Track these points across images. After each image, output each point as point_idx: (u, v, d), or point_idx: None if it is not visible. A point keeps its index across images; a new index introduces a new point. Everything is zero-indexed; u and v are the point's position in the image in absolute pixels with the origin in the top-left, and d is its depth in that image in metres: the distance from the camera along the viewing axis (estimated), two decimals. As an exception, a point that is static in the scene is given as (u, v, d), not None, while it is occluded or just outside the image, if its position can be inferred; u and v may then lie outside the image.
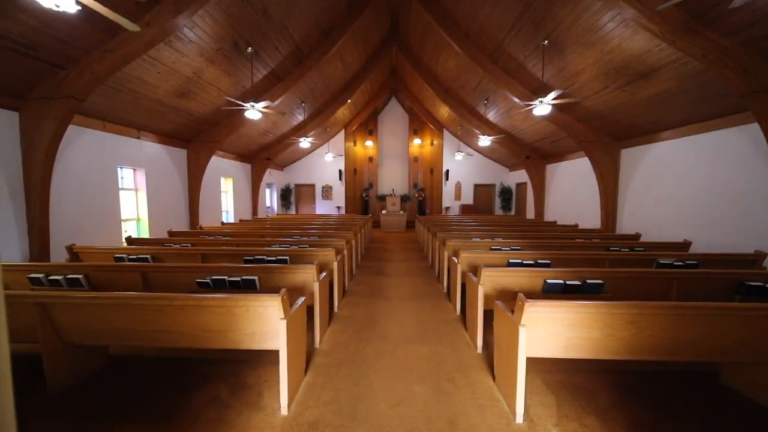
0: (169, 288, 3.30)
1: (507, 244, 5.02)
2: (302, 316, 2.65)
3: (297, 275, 3.27)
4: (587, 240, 5.62)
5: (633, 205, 7.13)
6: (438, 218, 10.27)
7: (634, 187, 7.08)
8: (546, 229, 7.65)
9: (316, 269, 3.23)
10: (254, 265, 3.46)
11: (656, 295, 3.19)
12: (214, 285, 3.23)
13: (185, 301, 2.25)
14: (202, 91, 6.27)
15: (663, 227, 6.26)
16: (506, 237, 6.00)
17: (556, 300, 2.20)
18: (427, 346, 3.27)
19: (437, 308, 4.37)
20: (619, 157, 7.50)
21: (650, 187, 6.63)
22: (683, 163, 5.84)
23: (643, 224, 6.76)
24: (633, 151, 7.09)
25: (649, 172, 6.67)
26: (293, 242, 5.27)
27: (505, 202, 14.24)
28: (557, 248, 5.00)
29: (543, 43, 5.68)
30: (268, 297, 2.20)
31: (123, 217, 6.44)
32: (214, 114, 7.28)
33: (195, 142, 8.00)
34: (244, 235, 6.48)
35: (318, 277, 3.28)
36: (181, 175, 7.92)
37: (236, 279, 3.20)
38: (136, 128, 6.43)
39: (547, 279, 3.06)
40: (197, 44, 5.20)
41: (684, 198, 5.82)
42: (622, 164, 7.46)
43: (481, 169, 15.05)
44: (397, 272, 6.33)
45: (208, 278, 3.22)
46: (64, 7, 2.56)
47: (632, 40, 4.64)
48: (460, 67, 8.42)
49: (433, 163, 15.48)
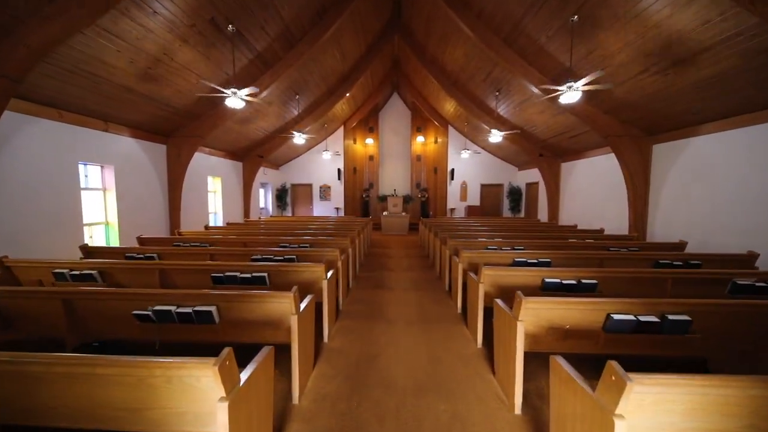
0: (95, 325, 2.48)
1: (533, 255, 4.17)
2: (266, 373, 1.83)
3: (272, 305, 2.44)
4: (631, 251, 4.70)
5: (668, 208, 6.27)
6: (446, 222, 9.43)
7: (669, 188, 6.23)
8: (568, 234, 6.79)
9: (294, 301, 2.39)
10: (222, 291, 2.64)
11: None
12: (158, 318, 2.41)
13: (71, 365, 1.43)
14: (176, 76, 5.45)
15: (708, 234, 5.41)
16: (529, 245, 5.13)
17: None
18: (445, 401, 2.43)
19: (452, 337, 3.52)
20: (651, 154, 6.65)
21: (689, 188, 5.78)
22: (736, 158, 4.99)
23: (680, 230, 5.91)
24: (667, 147, 6.24)
25: (688, 171, 5.81)
26: (278, 252, 4.44)
27: (514, 203, 13.38)
28: (595, 262, 4.16)
29: (572, 20, 4.85)
30: (202, 365, 1.37)
31: (88, 220, 5.63)
32: (194, 105, 6.47)
33: (175, 136, 7.18)
34: (227, 243, 5.66)
35: (298, 308, 2.46)
36: (159, 174, 7.10)
37: (186, 311, 2.38)
38: (102, 119, 5.62)
39: (612, 314, 2.22)
40: (165, 18, 4.38)
41: (736, 200, 4.97)
42: (654, 161, 6.62)
43: (489, 169, 14.17)
44: (401, 285, 5.50)
45: (150, 310, 2.40)
46: None
47: (684, 10, 3.81)
48: (469, 54, 7.59)
49: (437, 162, 14.63)
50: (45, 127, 4.75)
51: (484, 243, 5.17)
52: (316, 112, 10.04)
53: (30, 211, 4.54)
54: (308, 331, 2.71)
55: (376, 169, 14.79)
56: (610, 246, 4.91)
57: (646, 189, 6.72)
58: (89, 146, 5.45)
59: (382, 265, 7.09)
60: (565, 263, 4.12)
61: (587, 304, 2.27)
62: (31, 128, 4.56)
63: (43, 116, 4.71)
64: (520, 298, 2.25)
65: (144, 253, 4.34)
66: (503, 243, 5.27)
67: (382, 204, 14.26)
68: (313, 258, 4.20)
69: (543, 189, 10.91)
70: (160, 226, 7.14)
